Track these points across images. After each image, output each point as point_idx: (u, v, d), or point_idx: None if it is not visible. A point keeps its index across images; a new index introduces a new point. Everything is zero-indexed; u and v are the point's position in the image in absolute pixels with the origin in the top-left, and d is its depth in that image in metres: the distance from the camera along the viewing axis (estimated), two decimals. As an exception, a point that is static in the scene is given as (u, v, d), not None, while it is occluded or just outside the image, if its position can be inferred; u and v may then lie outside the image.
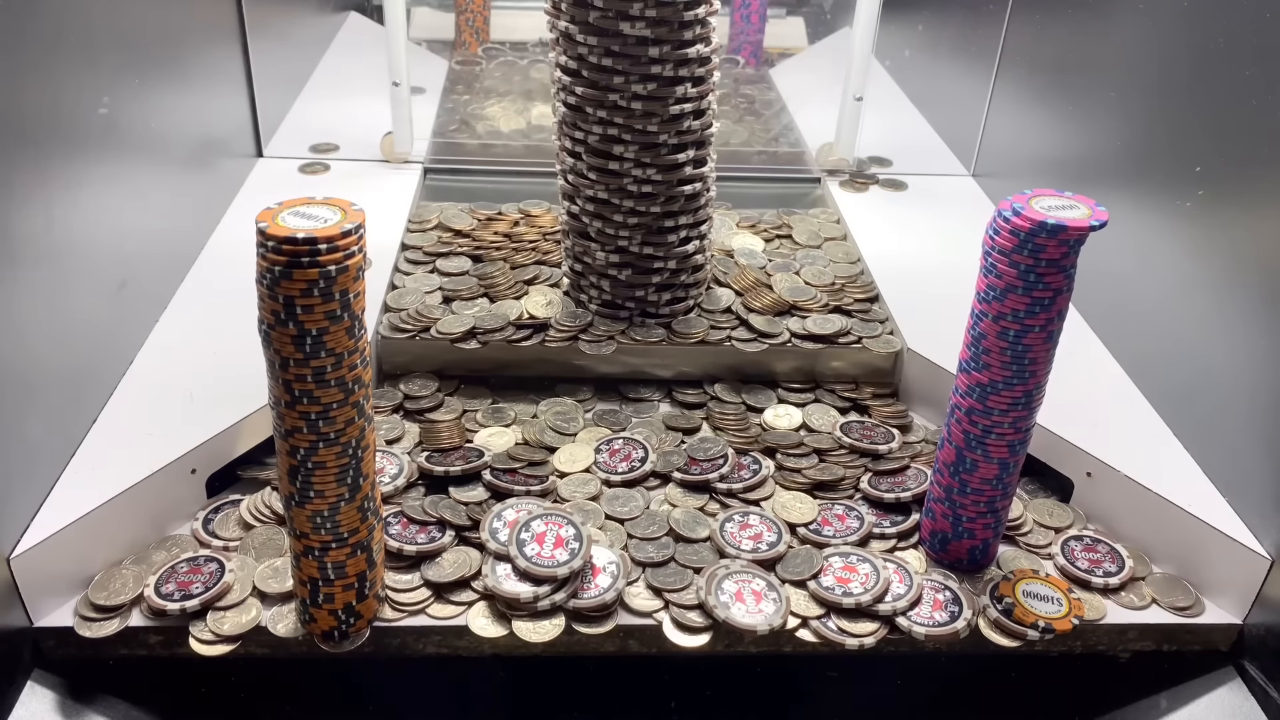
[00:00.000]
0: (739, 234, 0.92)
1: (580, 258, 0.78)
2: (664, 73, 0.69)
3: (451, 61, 1.33)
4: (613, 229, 0.75)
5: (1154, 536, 0.65)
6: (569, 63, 0.71)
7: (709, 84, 0.72)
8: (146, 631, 0.58)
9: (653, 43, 0.68)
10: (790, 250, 0.90)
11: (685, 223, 0.75)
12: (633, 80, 0.69)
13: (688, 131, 0.72)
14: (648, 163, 0.72)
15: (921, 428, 0.75)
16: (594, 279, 0.78)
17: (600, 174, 0.73)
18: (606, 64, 0.69)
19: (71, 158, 0.65)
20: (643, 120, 0.70)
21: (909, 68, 1.28)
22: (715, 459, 0.69)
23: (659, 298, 0.78)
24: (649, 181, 0.72)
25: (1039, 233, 0.52)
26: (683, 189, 0.74)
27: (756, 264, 0.86)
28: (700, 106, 0.72)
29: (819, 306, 0.81)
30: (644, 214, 0.74)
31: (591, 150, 0.73)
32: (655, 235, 0.75)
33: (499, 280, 0.82)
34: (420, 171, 1.02)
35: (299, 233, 0.47)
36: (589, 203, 0.75)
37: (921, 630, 0.58)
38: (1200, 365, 0.69)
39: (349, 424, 0.51)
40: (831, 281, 0.84)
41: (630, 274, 0.76)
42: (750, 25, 1.36)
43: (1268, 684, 0.61)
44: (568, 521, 0.61)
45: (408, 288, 0.81)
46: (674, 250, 0.76)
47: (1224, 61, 0.68)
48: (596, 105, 0.71)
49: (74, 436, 0.64)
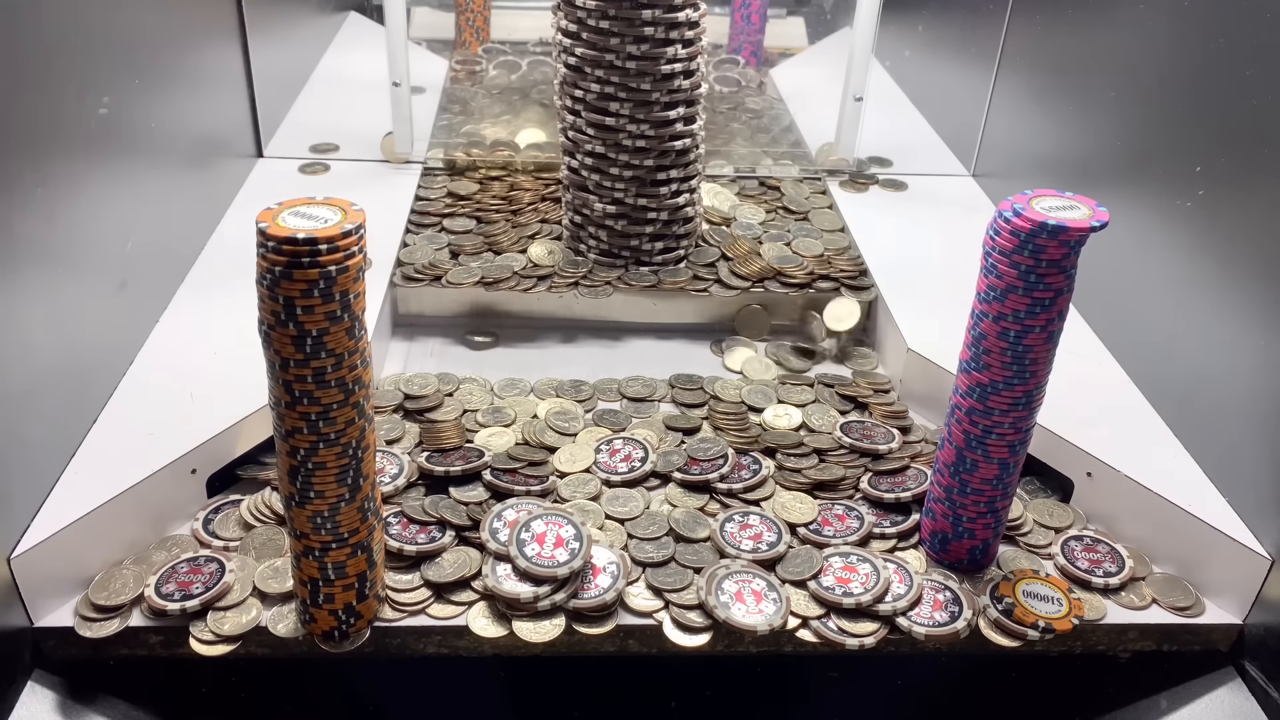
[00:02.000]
0: (742, 206, 0.95)
1: (579, 209, 0.85)
2: (656, 34, 0.76)
3: (451, 61, 1.33)
4: (609, 181, 0.82)
5: (1154, 536, 0.65)
6: (569, 25, 0.78)
7: (697, 46, 0.78)
8: (147, 631, 0.58)
9: (646, 6, 0.75)
10: (784, 221, 0.94)
11: (676, 176, 0.82)
12: (627, 41, 0.76)
13: (678, 90, 0.79)
14: (641, 119, 0.79)
15: (922, 428, 0.75)
16: (592, 229, 0.85)
17: (597, 129, 0.80)
18: (604, 26, 0.76)
19: (72, 158, 0.65)
20: (636, 79, 0.77)
21: (909, 68, 1.28)
22: (715, 459, 0.69)
23: (652, 247, 0.84)
24: (642, 136, 0.80)
25: (1040, 233, 0.52)
26: (673, 144, 0.81)
27: (750, 234, 0.90)
28: (690, 67, 0.79)
29: (804, 274, 0.85)
30: (638, 167, 0.81)
31: (590, 107, 0.79)
32: (648, 188, 0.82)
33: (502, 238, 0.88)
34: (420, 171, 1.02)
35: (299, 233, 0.47)
36: (587, 156, 0.82)
37: (922, 630, 0.58)
38: (1200, 365, 0.69)
39: (349, 424, 0.51)
40: (821, 253, 0.88)
41: (625, 224, 0.83)
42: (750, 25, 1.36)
43: (1268, 684, 0.61)
44: (568, 521, 0.61)
45: (417, 245, 0.87)
46: (665, 202, 0.82)
47: (1224, 61, 0.68)
48: (594, 65, 0.77)
49: (74, 436, 0.64)
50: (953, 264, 0.88)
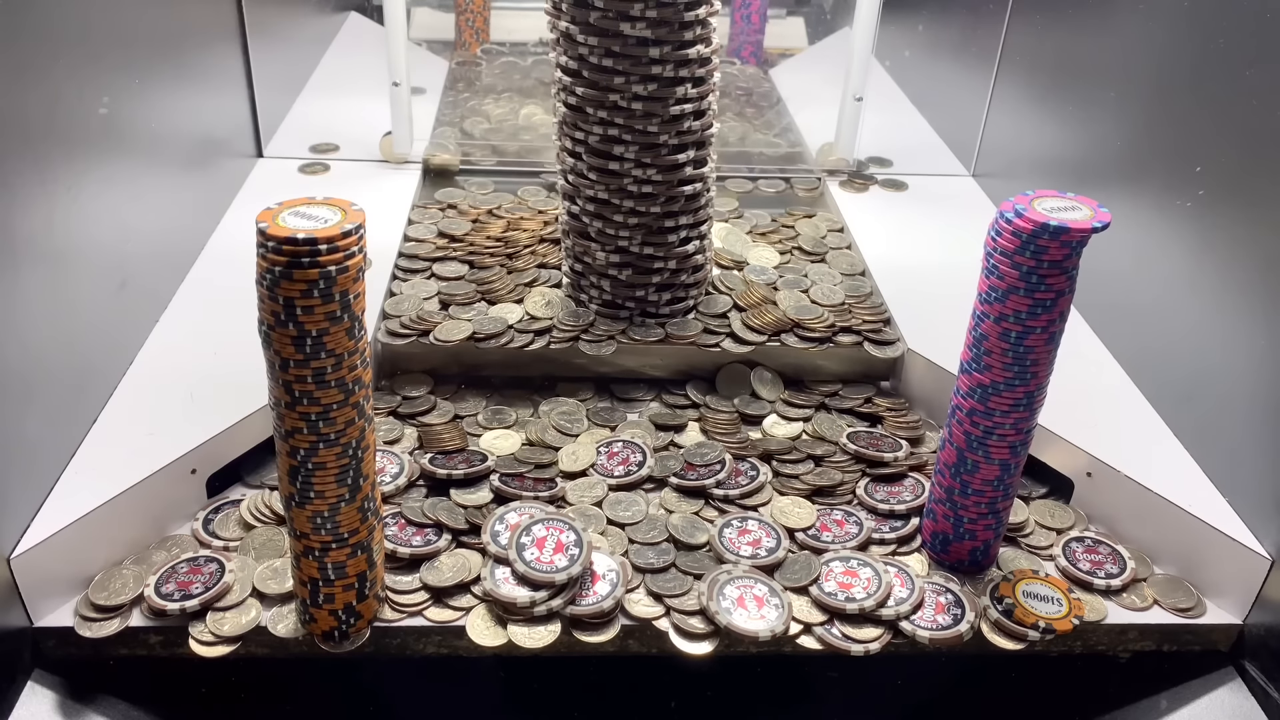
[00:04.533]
0: (755, 247, 0.89)
1: (580, 258, 0.78)
2: (664, 73, 0.69)
3: (451, 62, 1.33)
4: (613, 229, 0.75)
5: (1154, 536, 0.65)
6: (569, 63, 0.71)
7: (709, 84, 0.72)
8: (146, 632, 0.58)
9: (653, 43, 0.68)
10: (801, 264, 0.87)
11: (685, 223, 0.75)
12: (633, 81, 0.69)
13: (688, 132, 0.72)
14: (648, 163, 0.72)
15: (933, 439, 0.73)
16: (594, 279, 0.78)
17: (601, 174, 0.73)
18: (607, 64, 0.69)
19: (72, 158, 0.65)
20: (643, 120, 0.71)
21: (909, 68, 1.28)
22: (712, 464, 0.69)
23: (659, 298, 0.78)
24: (649, 182, 0.73)
25: (1041, 234, 0.52)
26: (683, 189, 0.74)
27: (766, 279, 0.84)
28: (700, 107, 0.72)
29: (824, 327, 0.78)
30: (644, 214, 0.74)
31: (592, 150, 0.73)
32: (655, 235, 0.75)
33: (496, 285, 0.81)
34: (420, 172, 1.02)
35: (299, 233, 0.47)
36: (589, 203, 0.75)
37: (925, 634, 0.58)
38: (1200, 365, 0.69)
39: (349, 425, 0.51)
40: (841, 301, 0.81)
41: (630, 274, 0.77)
42: (750, 25, 1.36)
43: (1268, 684, 0.61)
44: (569, 527, 0.61)
45: (405, 294, 0.81)
46: (674, 250, 0.76)
47: (1224, 61, 0.68)
48: (597, 105, 0.71)
49: (74, 436, 0.64)
50: (953, 264, 0.88)
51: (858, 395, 0.77)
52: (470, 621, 0.58)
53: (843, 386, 0.77)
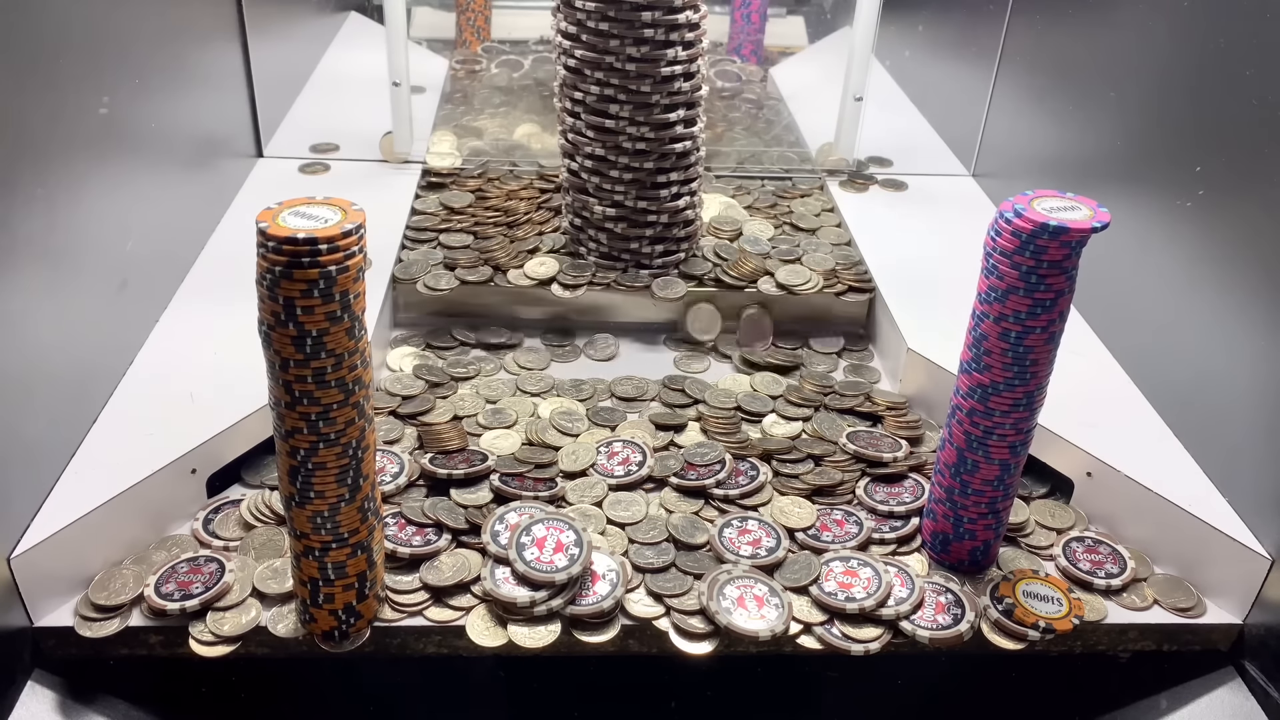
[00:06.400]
0: (751, 221, 0.93)
1: (579, 212, 0.85)
2: (656, 36, 0.75)
3: (452, 61, 1.33)
4: (609, 184, 0.81)
5: (1154, 536, 0.65)
6: (569, 27, 0.77)
7: (698, 48, 0.78)
8: (146, 631, 0.58)
9: (645, 8, 0.74)
10: (792, 235, 0.92)
11: (676, 179, 0.82)
12: (627, 44, 0.75)
13: (678, 92, 0.78)
14: (641, 121, 0.78)
15: (933, 439, 0.73)
16: (592, 232, 0.85)
17: (597, 132, 0.80)
18: (604, 28, 0.75)
19: (72, 158, 0.65)
20: (636, 81, 0.77)
21: (909, 68, 1.28)
22: (712, 464, 0.69)
23: (652, 250, 0.84)
24: (642, 139, 0.79)
25: (1041, 234, 0.52)
26: (674, 146, 0.80)
27: (759, 250, 0.88)
28: (690, 69, 0.78)
29: (813, 291, 0.84)
30: (638, 170, 0.80)
31: (589, 109, 0.79)
32: (648, 190, 0.81)
33: (499, 253, 0.86)
34: (420, 171, 1.02)
35: (299, 233, 0.47)
36: (587, 159, 0.81)
37: (925, 634, 0.58)
38: (1200, 365, 0.69)
39: (349, 425, 0.51)
40: (831, 268, 0.87)
41: (625, 227, 0.83)
42: (750, 25, 1.36)
43: (1268, 684, 0.61)
44: (569, 527, 0.61)
45: (412, 259, 0.85)
46: (665, 204, 0.82)
47: (1224, 61, 0.68)
48: (594, 67, 0.77)
49: (74, 436, 0.64)
50: (953, 264, 0.88)
51: (857, 394, 0.77)
52: (470, 621, 0.58)
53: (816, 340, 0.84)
